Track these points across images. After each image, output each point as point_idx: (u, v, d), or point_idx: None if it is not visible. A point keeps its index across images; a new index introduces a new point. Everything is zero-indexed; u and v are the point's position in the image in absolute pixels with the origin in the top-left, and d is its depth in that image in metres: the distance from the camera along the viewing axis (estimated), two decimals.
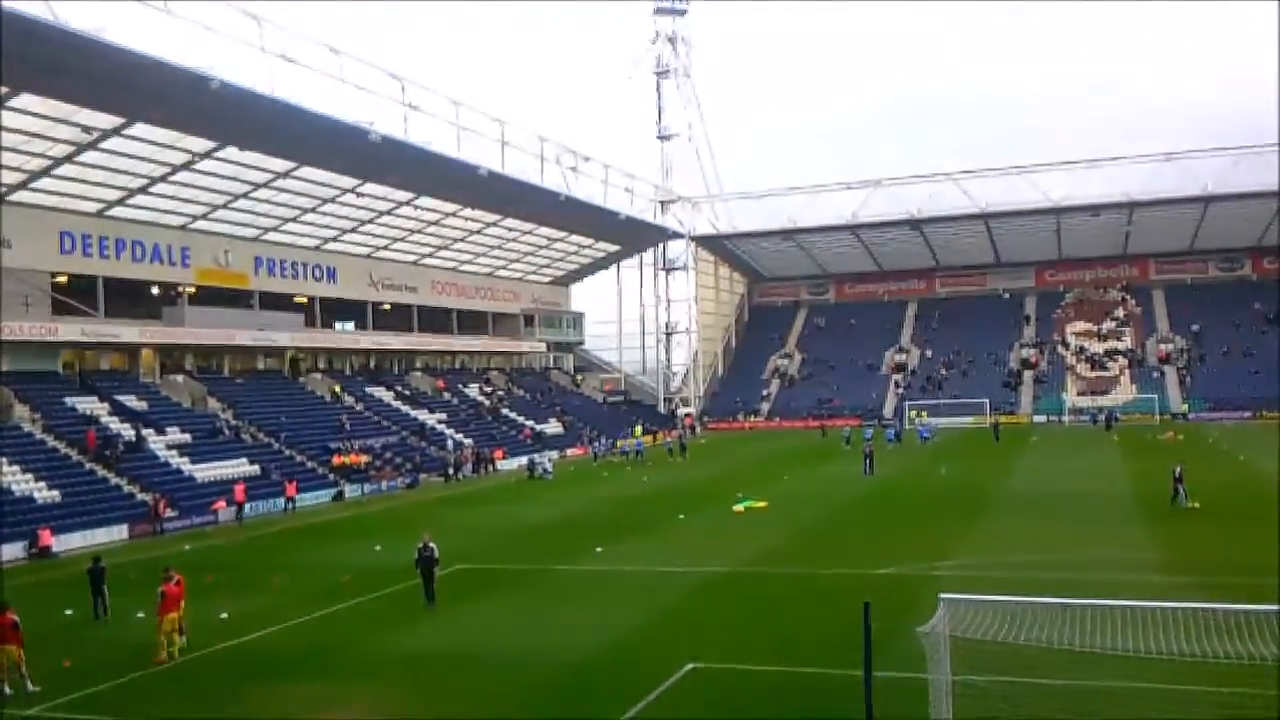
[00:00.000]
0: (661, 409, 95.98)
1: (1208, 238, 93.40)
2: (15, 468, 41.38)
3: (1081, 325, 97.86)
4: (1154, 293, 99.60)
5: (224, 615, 25.33)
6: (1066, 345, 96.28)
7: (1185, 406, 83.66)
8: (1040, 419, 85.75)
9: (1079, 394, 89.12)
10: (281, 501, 47.42)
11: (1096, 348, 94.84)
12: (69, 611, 25.75)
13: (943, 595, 13.72)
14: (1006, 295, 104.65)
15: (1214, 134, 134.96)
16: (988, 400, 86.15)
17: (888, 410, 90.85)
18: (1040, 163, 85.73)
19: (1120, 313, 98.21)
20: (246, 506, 45.08)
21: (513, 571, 30.47)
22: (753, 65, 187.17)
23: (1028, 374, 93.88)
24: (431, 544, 25.71)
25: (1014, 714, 14.71)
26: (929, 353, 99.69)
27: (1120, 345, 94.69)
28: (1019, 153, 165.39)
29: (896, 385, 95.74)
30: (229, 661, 21.66)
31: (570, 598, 26.97)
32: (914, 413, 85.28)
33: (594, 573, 29.91)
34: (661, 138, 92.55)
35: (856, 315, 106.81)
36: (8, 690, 19.33)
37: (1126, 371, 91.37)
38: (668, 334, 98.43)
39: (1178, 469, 38.02)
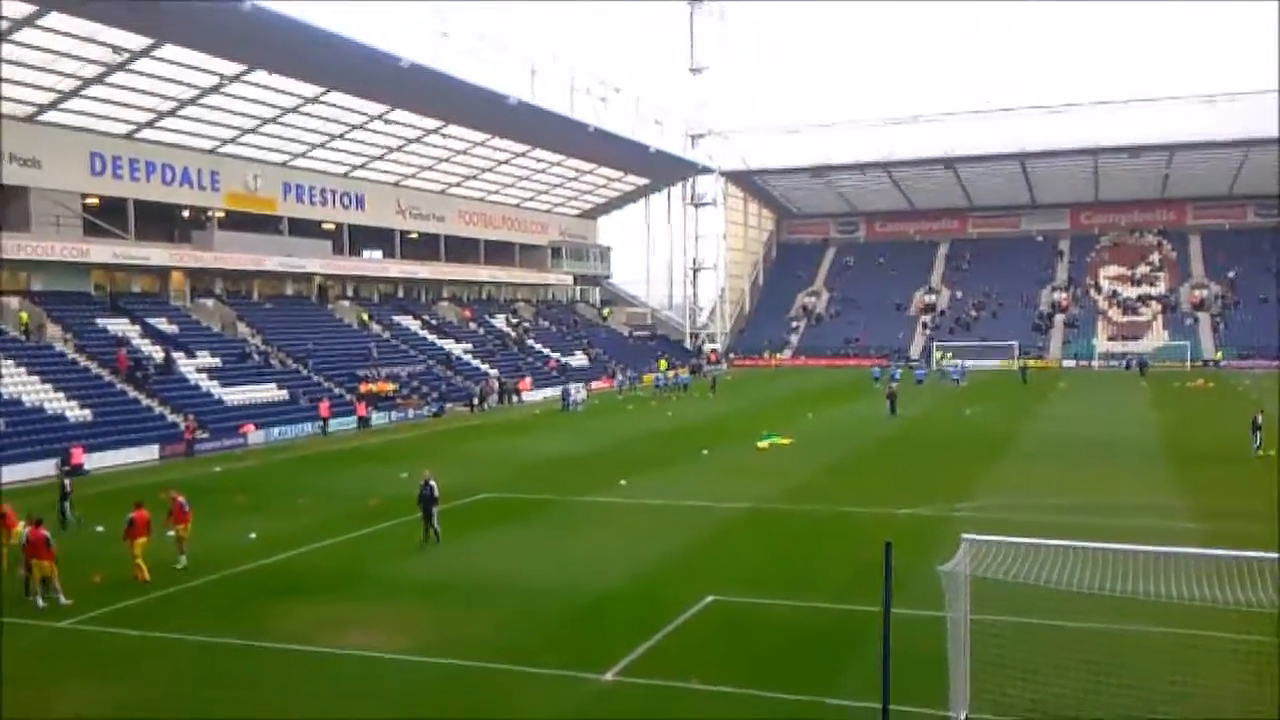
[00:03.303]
0: (688, 345, 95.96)
1: (1247, 183, 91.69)
2: (47, 386, 41.95)
3: (1115, 269, 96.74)
4: (1190, 238, 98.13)
5: (253, 535, 25.76)
6: (1099, 289, 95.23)
7: (1219, 354, 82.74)
8: (1069, 363, 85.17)
9: (1110, 339, 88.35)
10: (310, 426, 48.04)
11: (1130, 292, 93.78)
12: (99, 528, 26.17)
13: (965, 535, 13.68)
14: (1040, 237, 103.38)
15: (1259, 76, 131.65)
16: (1016, 343, 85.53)
17: (914, 351, 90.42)
18: (1079, 101, 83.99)
19: (1155, 257, 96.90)
20: (329, 423, 48.77)
21: (536, 501, 30.73)
22: None
23: (1058, 317, 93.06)
24: (433, 481, 25.10)
25: (1031, 655, 14.75)
26: (959, 293, 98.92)
27: (1154, 290, 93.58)
28: (1057, 91, 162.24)
29: (925, 326, 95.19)
30: (257, 580, 22.04)
31: (593, 529, 27.19)
32: (940, 353, 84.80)
33: (617, 505, 30.10)
34: (693, 70, 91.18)
35: (886, 254, 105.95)
36: (40, 603, 19.75)
37: (1159, 317, 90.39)
38: (695, 269, 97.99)
39: (1258, 416, 37.39)
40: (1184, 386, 65.30)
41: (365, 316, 65.56)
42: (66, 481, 27.95)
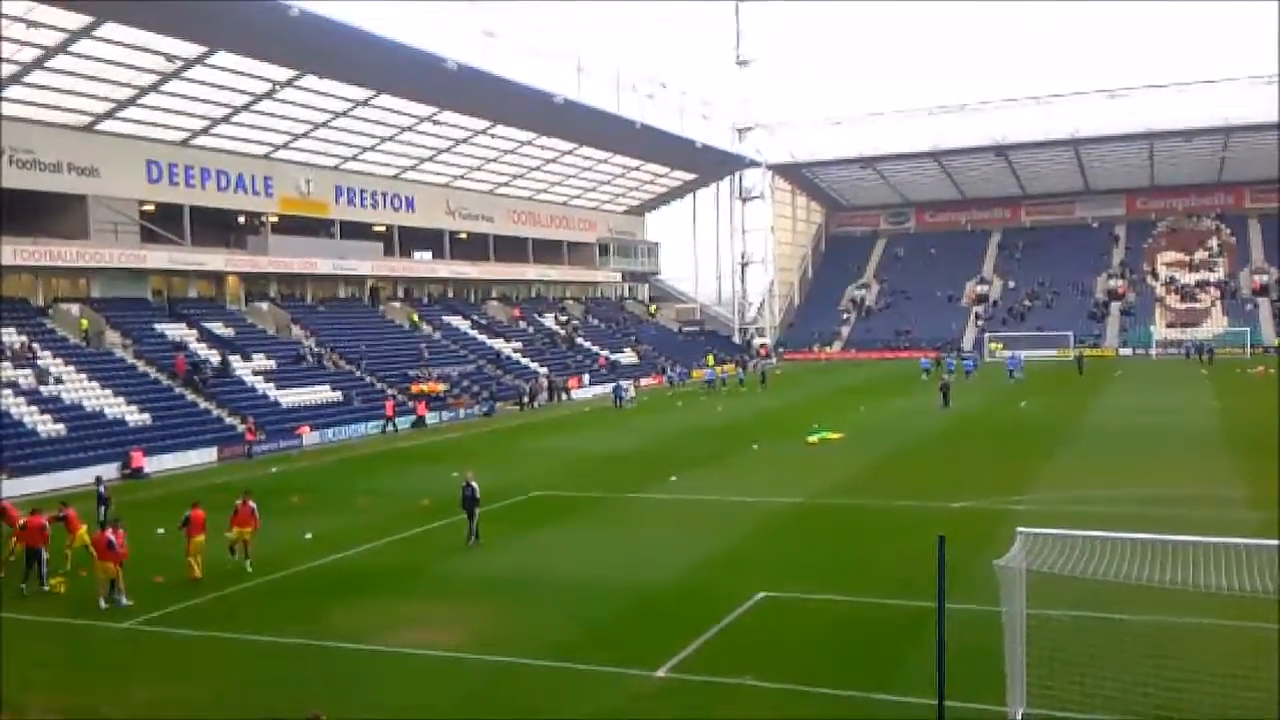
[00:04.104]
0: (736, 339, 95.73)
1: None
2: (108, 391, 42.80)
3: (1173, 255, 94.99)
4: (1249, 222, 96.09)
5: (309, 535, 26.11)
6: (1156, 276, 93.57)
7: (1278, 340, 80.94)
8: (1126, 352, 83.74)
9: (1168, 326, 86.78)
10: (363, 426, 48.69)
11: (1187, 278, 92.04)
12: (160, 530, 26.66)
13: (1020, 529, 13.52)
14: (1095, 224, 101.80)
15: None
16: (1072, 333, 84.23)
17: (967, 343, 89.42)
18: (1132, 85, 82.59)
19: (1213, 242, 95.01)
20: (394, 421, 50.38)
21: (587, 499, 30.84)
22: None
23: (1115, 305, 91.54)
24: (474, 483, 24.94)
25: (1088, 649, 14.56)
26: (1012, 283, 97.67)
27: (1212, 276, 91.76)
28: (1110, 75, 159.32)
29: (977, 317, 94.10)
30: (314, 579, 22.34)
31: (644, 526, 27.23)
32: (994, 345, 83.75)
33: (668, 501, 30.12)
34: (740, 63, 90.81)
35: (937, 244, 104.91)
36: (103, 604, 20.17)
37: (1218, 303, 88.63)
38: (743, 264, 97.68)
39: None
40: (1244, 373, 63.98)
41: (416, 317, 66.15)
42: (102, 488, 28.28)
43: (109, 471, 37.18)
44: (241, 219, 59.59)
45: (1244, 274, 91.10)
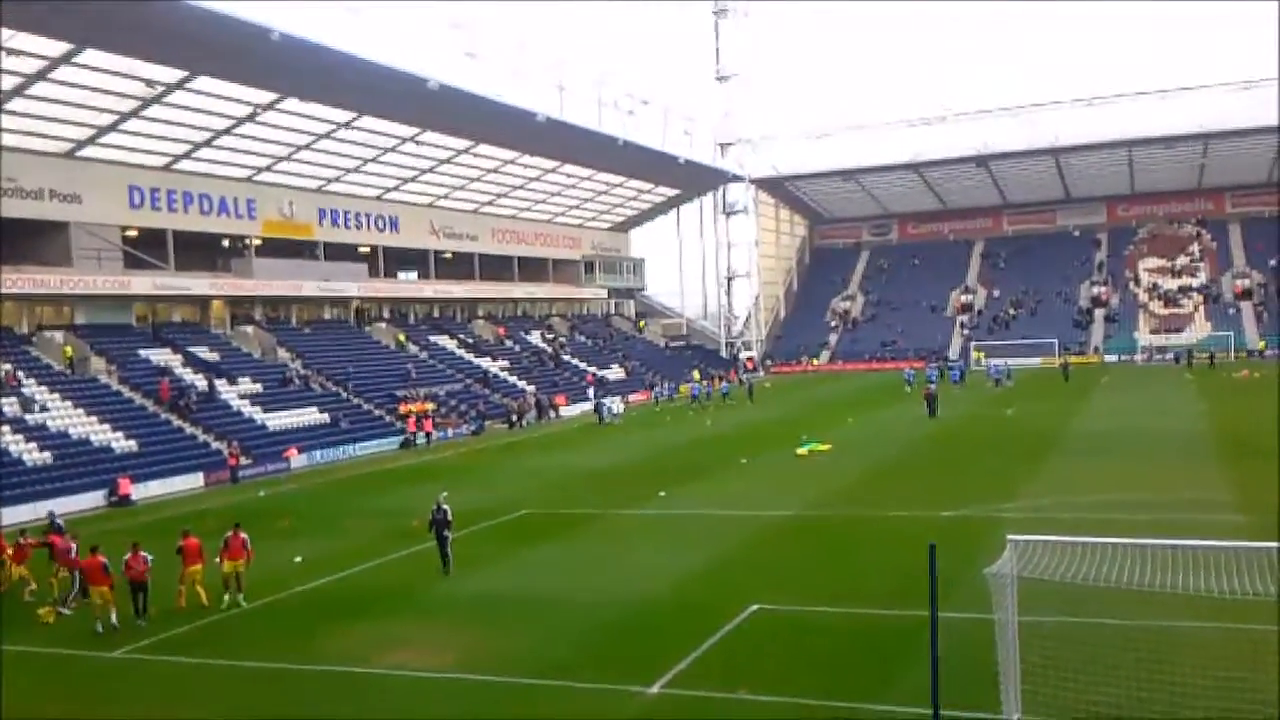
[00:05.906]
0: (723, 353, 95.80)
1: None
2: (93, 418, 42.57)
3: (1155, 261, 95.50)
4: (1230, 226, 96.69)
5: (299, 559, 25.97)
6: (1139, 282, 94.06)
7: (1262, 344, 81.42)
8: (1111, 358, 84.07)
9: (1152, 332, 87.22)
10: (350, 448, 48.56)
11: (1170, 284, 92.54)
12: (149, 557, 26.46)
13: (1010, 537, 13.56)
14: (1077, 232, 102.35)
15: None
16: (1056, 340, 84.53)
17: (953, 352, 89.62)
18: (1111, 93, 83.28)
19: (1195, 248, 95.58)
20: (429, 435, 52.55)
21: (577, 515, 30.78)
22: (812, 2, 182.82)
23: (1098, 312, 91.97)
24: (445, 506, 24.31)
25: (1083, 655, 14.58)
26: (996, 292, 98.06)
27: (1195, 281, 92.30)
28: (1089, 84, 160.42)
29: (962, 326, 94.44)
30: (304, 603, 22.24)
31: (634, 541, 27.18)
32: (979, 353, 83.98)
33: (658, 516, 30.09)
34: (720, 78, 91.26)
35: (920, 255, 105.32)
36: (99, 628, 20.08)
37: (1201, 308, 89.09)
38: (729, 278, 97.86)
39: None
40: (1229, 377, 64.34)
41: (402, 337, 66.04)
42: (57, 520, 28.17)
43: (96, 499, 37.20)
44: (225, 242, 59.41)
45: (1226, 278, 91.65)
